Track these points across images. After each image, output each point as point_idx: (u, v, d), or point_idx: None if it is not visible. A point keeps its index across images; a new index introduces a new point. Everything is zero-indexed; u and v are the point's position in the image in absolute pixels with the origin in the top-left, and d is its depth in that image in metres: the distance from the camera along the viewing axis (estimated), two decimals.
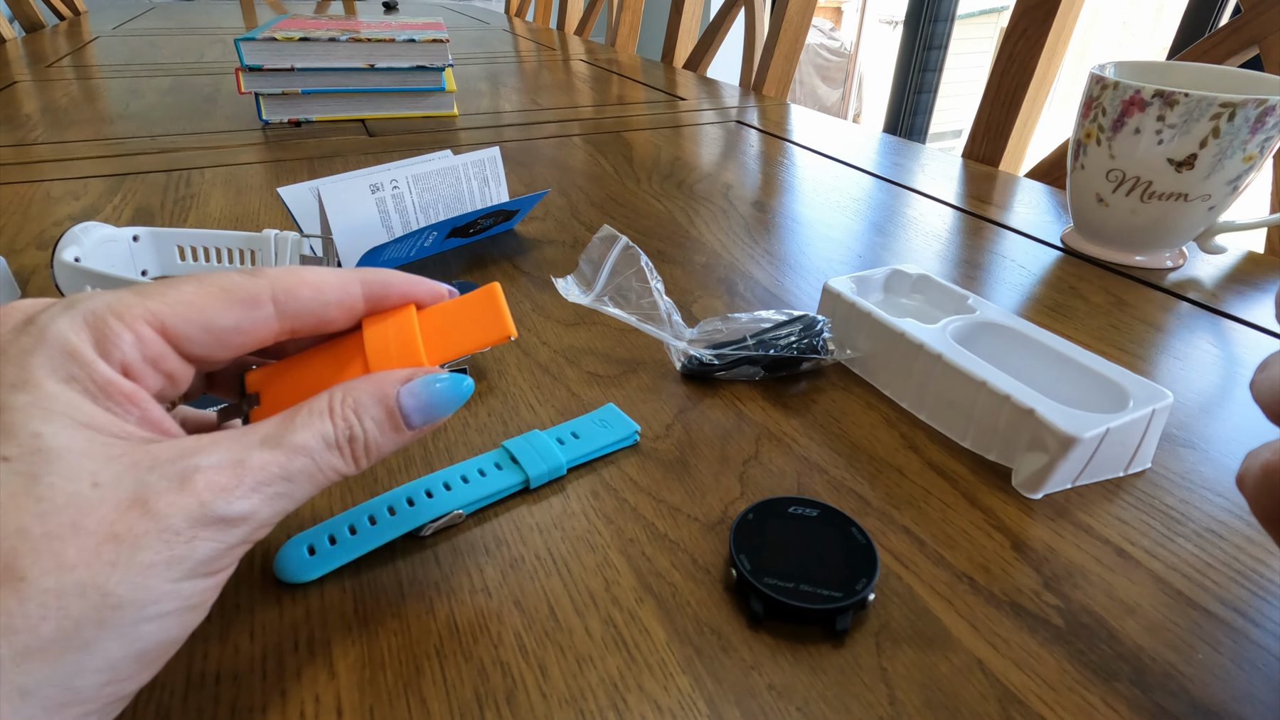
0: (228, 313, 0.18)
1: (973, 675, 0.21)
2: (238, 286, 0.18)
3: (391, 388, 0.19)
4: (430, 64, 0.77)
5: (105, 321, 0.16)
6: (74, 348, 0.16)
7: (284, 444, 0.17)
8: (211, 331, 0.18)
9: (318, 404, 0.18)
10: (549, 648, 0.21)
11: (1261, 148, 0.41)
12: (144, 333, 0.17)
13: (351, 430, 0.18)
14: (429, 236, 0.44)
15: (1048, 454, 0.26)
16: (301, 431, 0.17)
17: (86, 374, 0.16)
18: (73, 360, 0.16)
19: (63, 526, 0.14)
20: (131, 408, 0.16)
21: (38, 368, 0.15)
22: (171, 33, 1.43)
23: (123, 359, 0.16)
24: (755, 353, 0.33)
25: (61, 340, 0.16)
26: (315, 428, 0.18)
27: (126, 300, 0.17)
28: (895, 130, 2.44)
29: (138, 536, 0.15)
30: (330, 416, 0.18)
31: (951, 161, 0.70)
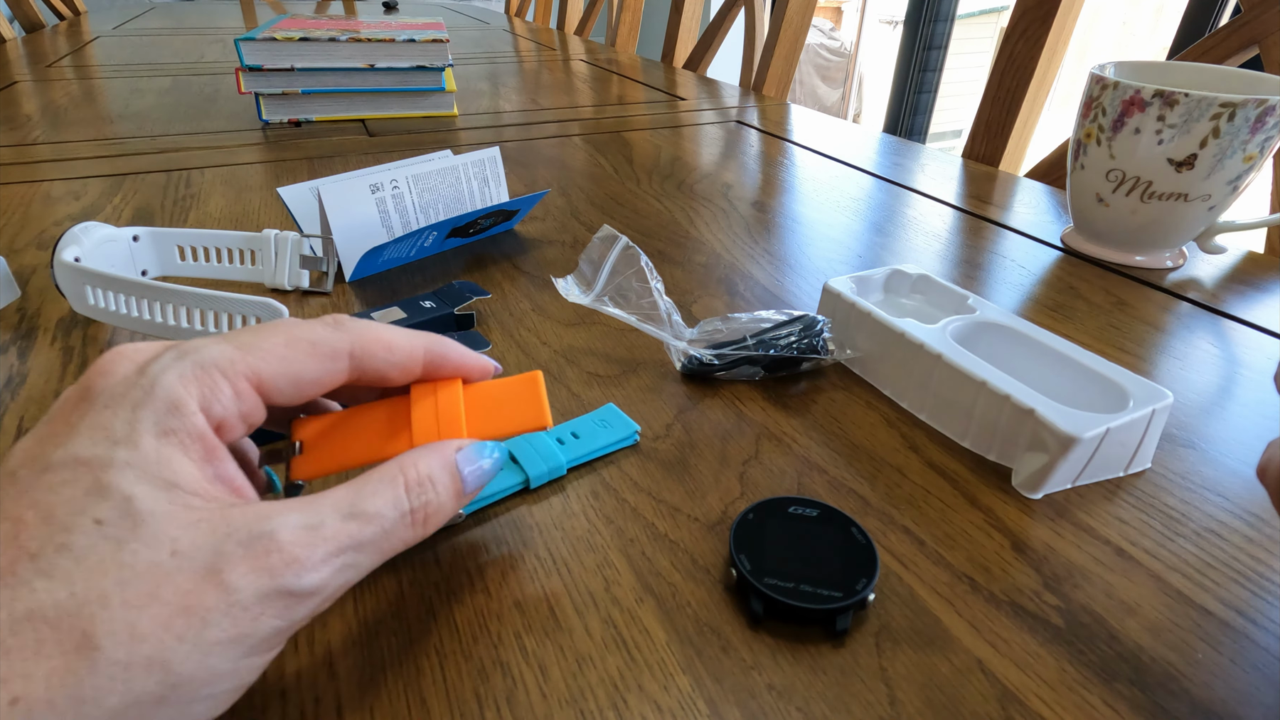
0: (314, 366, 0.19)
1: (973, 675, 0.21)
2: (323, 341, 0.19)
3: (452, 454, 0.20)
4: (430, 64, 0.77)
5: (211, 376, 0.17)
6: (180, 401, 0.17)
7: (358, 512, 0.17)
8: (297, 384, 0.19)
9: (387, 472, 0.18)
10: (549, 648, 0.21)
11: (1261, 148, 0.41)
12: (243, 387, 0.18)
13: (426, 496, 0.19)
14: (429, 236, 0.44)
15: (1048, 454, 0.26)
16: (374, 499, 0.18)
17: (187, 429, 0.17)
18: (175, 413, 0.16)
19: (140, 595, 0.14)
20: (213, 463, 0.17)
21: (143, 421, 0.16)
22: (171, 33, 1.43)
23: (221, 413, 0.17)
24: (755, 353, 0.33)
25: (170, 393, 0.17)
26: (387, 496, 0.18)
27: (230, 355, 0.18)
28: (895, 130, 2.44)
29: (208, 611, 0.15)
30: (404, 485, 0.18)
31: (951, 161, 0.70)
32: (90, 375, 0.17)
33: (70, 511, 0.15)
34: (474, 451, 0.20)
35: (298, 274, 0.41)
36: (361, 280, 0.43)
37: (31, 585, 0.14)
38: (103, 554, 0.15)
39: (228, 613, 0.15)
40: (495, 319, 0.39)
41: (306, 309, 0.40)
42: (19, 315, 0.38)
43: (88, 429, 0.16)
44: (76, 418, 0.16)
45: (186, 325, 0.34)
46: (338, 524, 0.17)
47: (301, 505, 0.17)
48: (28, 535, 0.15)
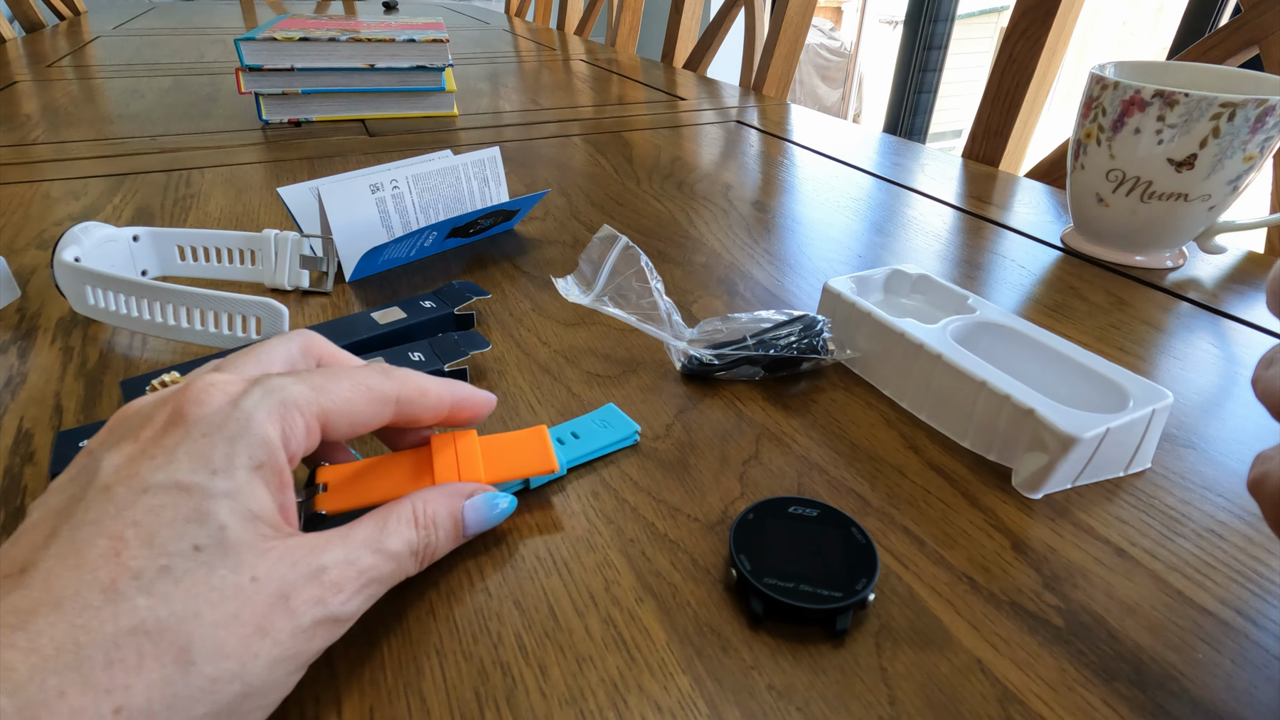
0: (369, 410, 0.21)
1: (973, 675, 0.21)
2: (378, 388, 0.21)
3: (459, 502, 0.22)
4: (430, 64, 0.77)
5: (292, 414, 0.19)
6: (270, 437, 0.19)
7: (382, 549, 0.20)
8: (354, 425, 0.21)
9: (403, 514, 0.21)
10: (549, 648, 0.21)
11: (1261, 148, 0.41)
12: (314, 426, 0.20)
13: (429, 538, 0.21)
14: (429, 236, 0.44)
15: (1048, 454, 0.26)
16: (394, 539, 0.20)
17: (272, 463, 0.18)
18: (265, 448, 0.18)
19: (227, 616, 0.16)
20: (284, 491, 0.19)
21: (239, 455, 0.18)
22: (171, 33, 1.43)
23: (295, 449, 0.19)
24: (755, 353, 0.33)
25: (262, 430, 0.18)
26: (405, 536, 0.20)
27: (309, 396, 0.20)
28: (895, 130, 2.44)
29: (278, 633, 0.17)
30: (415, 527, 0.21)
31: (951, 161, 0.70)
32: (182, 402, 0.19)
33: (172, 536, 0.16)
34: (483, 502, 0.23)
35: (298, 274, 0.41)
36: (361, 280, 0.43)
37: (134, 602, 0.15)
38: (198, 578, 0.16)
39: (293, 634, 0.17)
40: (495, 319, 0.39)
41: (306, 309, 0.40)
42: (19, 315, 0.38)
43: (187, 456, 0.17)
44: (172, 442, 0.18)
45: (186, 325, 0.34)
46: (369, 559, 0.19)
47: (337, 540, 0.19)
48: (129, 554, 0.16)
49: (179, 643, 0.15)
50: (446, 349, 0.33)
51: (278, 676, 0.17)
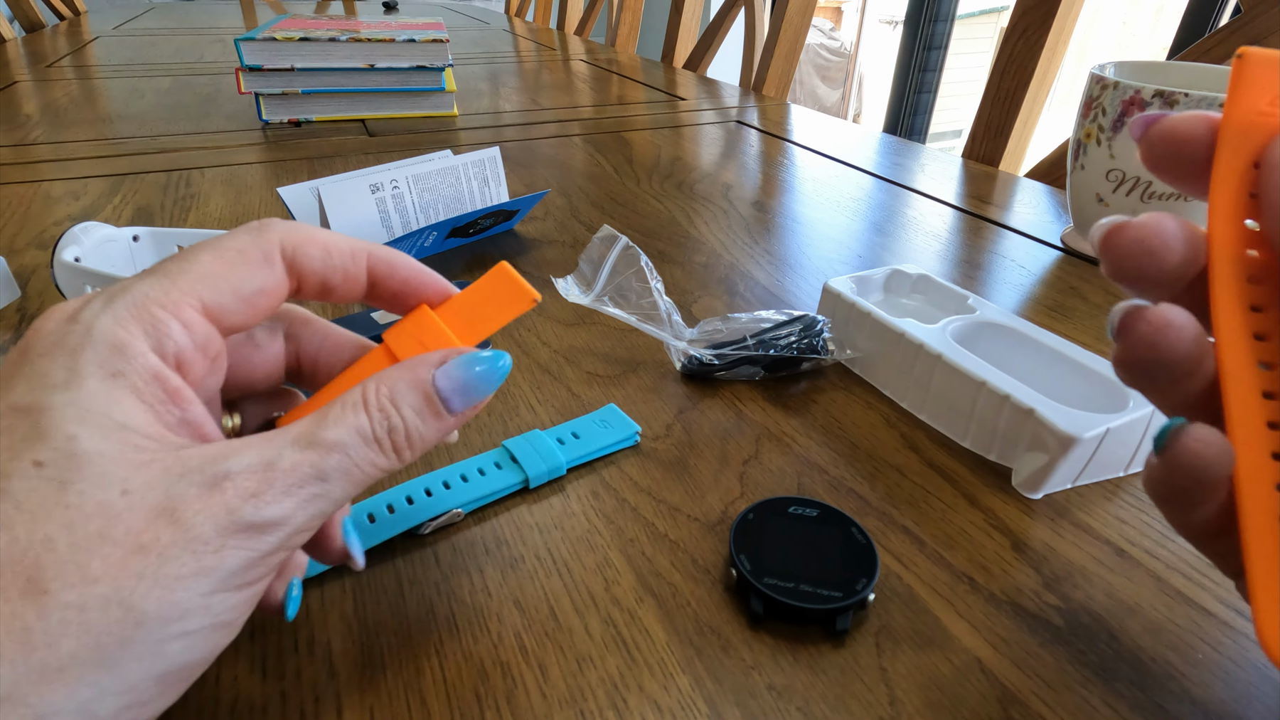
0: (251, 274, 0.17)
1: (973, 675, 0.21)
2: (251, 246, 0.17)
3: (426, 371, 0.18)
4: (430, 64, 0.77)
5: (152, 313, 0.16)
6: (123, 342, 0.15)
7: (317, 442, 0.16)
8: (242, 297, 0.17)
9: (350, 397, 0.17)
10: (549, 648, 0.21)
11: None
12: (189, 317, 0.16)
13: (390, 421, 0.17)
14: (429, 236, 0.44)
15: (1048, 454, 0.26)
16: (335, 427, 0.16)
17: (135, 368, 0.15)
18: (121, 355, 0.15)
19: (89, 537, 0.14)
20: (173, 406, 0.16)
21: (85, 364, 0.15)
22: (171, 33, 1.43)
23: (176, 349, 0.16)
24: (755, 353, 0.33)
25: (110, 335, 0.15)
26: (349, 422, 0.17)
27: (164, 286, 0.16)
28: (895, 130, 2.44)
29: (165, 547, 0.14)
30: (365, 409, 0.17)
31: (951, 161, 0.70)
32: (27, 335, 0.16)
33: (8, 457, 0.14)
34: (454, 365, 0.18)
35: None
36: None
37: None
38: (45, 496, 0.14)
39: (187, 547, 0.14)
40: None
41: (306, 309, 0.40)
42: (19, 315, 0.38)
43: (24, 378, 0.15)
44: (11, 371, 0.15)
45: None
46: (296, 455, 0.16)
47: (258, 442, 0.16)
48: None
49: (25, 573, 0.13)
50: None
51: (185, 597, 0.14)
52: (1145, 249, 0.16)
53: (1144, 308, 0.16)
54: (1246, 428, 0.16)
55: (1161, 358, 0.16)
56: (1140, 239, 0.16)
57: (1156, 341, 0.16)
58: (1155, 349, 0.16)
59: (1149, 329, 0.16)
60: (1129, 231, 0.16)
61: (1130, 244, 0.16)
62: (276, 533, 0.15)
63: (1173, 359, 0.16)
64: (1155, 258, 0.16)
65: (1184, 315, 0.16)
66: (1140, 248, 0.16)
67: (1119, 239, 0.16)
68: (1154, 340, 0.16)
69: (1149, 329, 0.16)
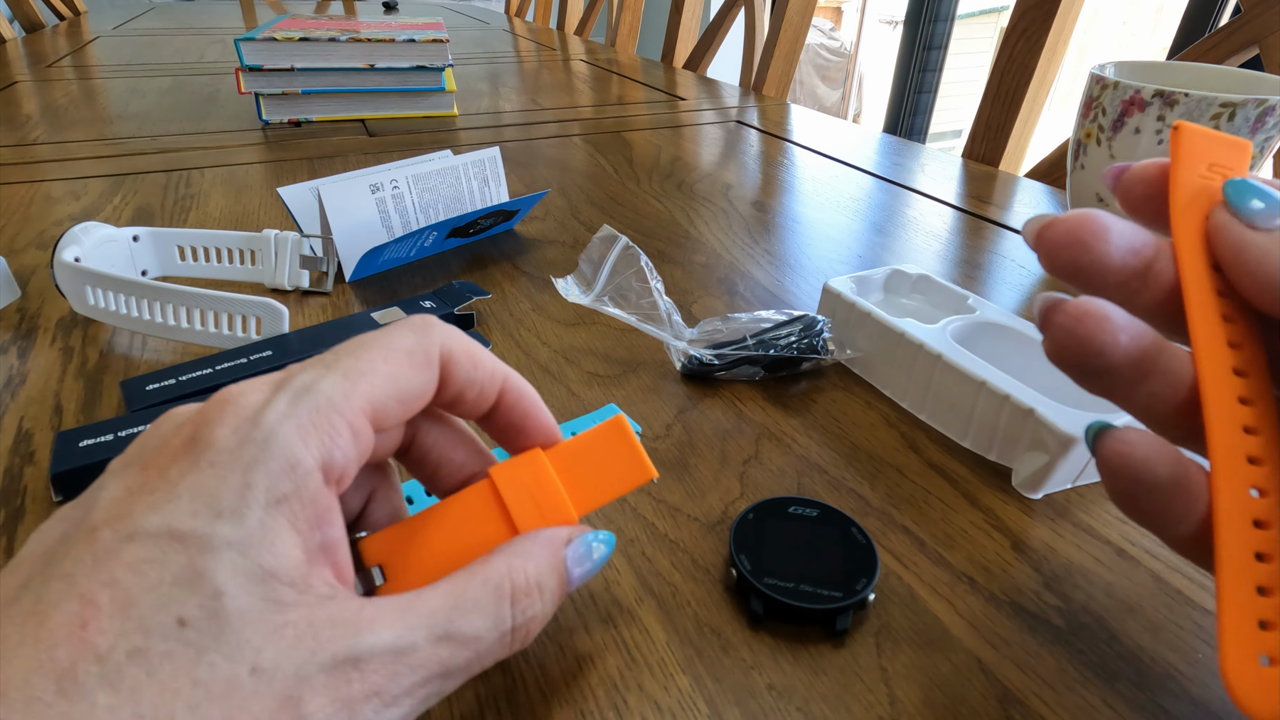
0: (413, 377, 0.17)
1: (973, 675, 0.21)
2: (417, 348, 0.17)
3: (560, 551, 0.17)
4: (430, 64, 0.77)
5: (330, 420, 0.15)
6: (299, 461, 0.14)
7: (454, 635, 0.15)
8: (402, 400, 0.17)
9: (492, 577, 0.16)
10: (549, 648, 0.21)
11: (1261, 148, 0.41)
12: (360, 425, 0.16)
13: (531, 610, 0.16)
14: (429, 236, 0.44)
15: (1048, 454, 0.26)
16: (475, 618, 0.15)
17: (299, 492, 0.14)
18: (291, 475, 0.14)
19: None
20: (318, 530, 0.15)
21: (255, 488, 0.14)
22: (171, 33, 1.43)
23: (342, 463, 0.15)
24: (755, 353, 0.33)
25: (287, 450, 0.14)
26: (490, 614, 0.15)
27: (344, 389, 0.15)
28: (895, 130, 2.44)
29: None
30: (511, 599, 0.16)
31: (951, 161, 0.70)
32: (200, 421, 0.15)
33: (154, 604, 0.13)
34: (582, 549, 0.18)
35: (298, 274, 0.41)
36: (361, 280, 0.43)
37: (93, 699, 0.12)
38: (179, 666, 0.13)
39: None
40: (495, 319, 0.39)
41: (306, 309, 0.40)
42: (19, 315, 0.38)
43: (189, 493, 0.14)
44: (177, 474, 0.14)
45: (186, 325, 0.34)
46: (429, 650, 0.15)
47: (393, 614, 0.15)
48: (97, 626, 0.12)
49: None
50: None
51: None
52: (1074, 239, 0.16)
53: (1063, 299, 0.16)
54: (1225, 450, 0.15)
55: (1086, 348, 0.16)
56: (1069, 230, 0.16)
57: (1075, 331, 0.16)
58: (1075, 339, 0.16)
59: (1065, 319, 0.16)
60: (1058, 225, 0.17)
61: (1060, 235, 0.17)
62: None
63: (1098, 348, 0.16)
64: (1085, 249, 0.16)
65: (1108, 306, 0.16)
66: (1069, 238, 0.16)
67: (1049, 233, 0.17)
68: (1072, 330, 0.16)
69: (1065, 319, 0.16)
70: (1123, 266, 0.16)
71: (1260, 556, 0.15)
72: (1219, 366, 0.16)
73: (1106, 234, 0.16)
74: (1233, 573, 0.15)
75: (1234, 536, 0.15)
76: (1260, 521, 0.15)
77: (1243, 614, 0.15)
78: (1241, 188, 0.16)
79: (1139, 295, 0.17)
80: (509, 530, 0.18)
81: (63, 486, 0.25)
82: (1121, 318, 0.16)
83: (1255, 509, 0.15)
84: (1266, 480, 0.15)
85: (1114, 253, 0.16)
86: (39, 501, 0.26)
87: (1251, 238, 0.15)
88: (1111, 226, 0.16)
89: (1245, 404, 0.16)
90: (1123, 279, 0.16)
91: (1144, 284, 0.17)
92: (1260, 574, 0.15)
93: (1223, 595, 0.15)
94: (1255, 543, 0.15)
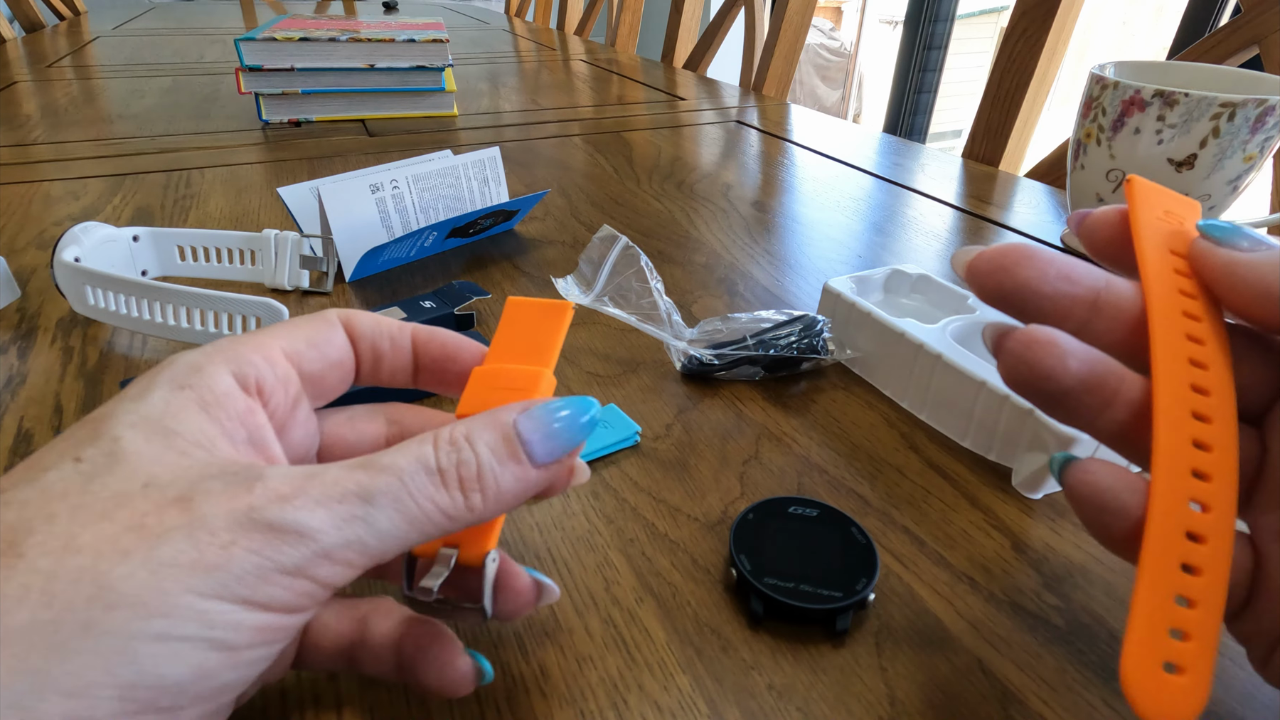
0: (320, 327, 0.19)
1: (973, 675, 0.21)
2: (316, 317, 0.19)
3: (508, 415, 0.16)
4: (430, 64, 0.77)
5: (236, 349, 0.17)
6: (200, 364, 0.16)
7: (370, 463, 0.15)
8: (314, 344, 0.18)
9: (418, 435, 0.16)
10: (549, 648, 0.21)
11: (1261, 148, 0.41)
12: (273, 355, 0.17)
13: (460, 455, 0.15)
14: (429, 236, 0.44)
15: (1048, 454, 0.26)
16: (393, 454, 0.15)
17: (205, 383, 0.15)
18: (195, 373, 0.16)
19: (91, 515, 0.13)
20: (240, 426, 0.16)
21: (159, 381, 0.15)
22: (171, 33, 1.43)
23: (256, 376, 0.17)
24: (755, 353, 0.33)
25: (191, 360, 0.16)
26: (411, 450, 0.15)
27: (246, 336, 0.17)
28: (895, 130, 2.44)
29: (165, 530, 0.13)
30: (434, 442, 0.15)
31: (951, 161, 0.70)
32: None
33: (56, 454, 0.14)
34: (540, 409, 0.16)
35: (297, 274, 0.41)
36: (361, 280, 0.43)
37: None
38: (69, 486, 0.13)
39: (189, 533, 0.13)
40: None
41: (306, 308, 0.40)
42: (19, 315, 0.38)
43: (114, 401, 0.15)
44: None
45: (186, 325, 0.34)
46: (341, 472, 0.14)
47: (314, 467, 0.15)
48: (7, 479, 0.14)
49: (10, 537, 0.12)
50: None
51: (172, 588, 0.12)
52: (996, 266, 0.17)
53: (1015, 326, 0.17)
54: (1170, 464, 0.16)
55: (1033, 373, 0.16)
56: (991, 258, 0.17)
57: (1024, 356, 0.17)
58: (1024, 364, 0.17)
59: (1015, 345, 0.17)
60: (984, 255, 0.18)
61: (983, 264, 0.18)
62: (300, 546, 0.13)
63: (1046, 372, 0.16)
64: (1008, 274, 0.17)
65: (1056, 334, 0.16)
66: (990, 265, 0.17)
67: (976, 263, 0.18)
68: (1022, 355, 0.17)
69: (1015, 345, 0.17)
70: (1056, 292, 0.17)
71: (1188, 568, 0.15)
72: (1176, 380, 0.16)
73: (1030, 261, 0.17)
74: (1152, 579, 0.15)
75: (1160, 544, 0.15)
76: (1195, 535, 0.15)
77: (1154, 620, 0.15)
78: (1212, 224, 0.18)
79: (1091, 325, 0.17)
80: None
81: None
82: (1070, 344, 0.16)
83: (1192, 521, 0.15)
84: (1212, 496, 0.15)
85: (1042, 278, 0.17)
86: None
87: (1239, 256, 0.16)
88: (1036, 254, 0.17)
89: (1201, 420, 0.16)
90: (1063, 306, 0.17)
91: (1094, 313, 0.17)
92: (1186, 585, 0.15)
93: (1137, 598, 0.15)
94: (1184, 553, 0.15)
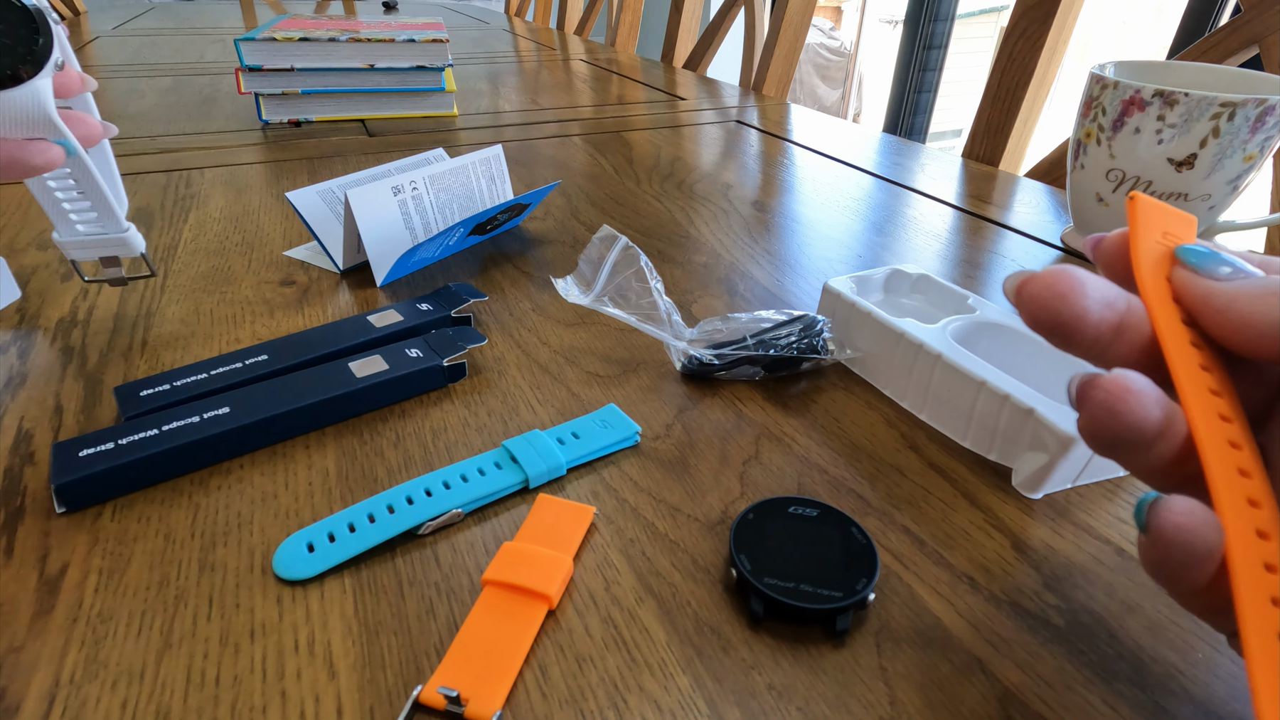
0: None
1: (973, 675, 0.21)
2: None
3: None
4: (430, 64, 0.77)
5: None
6: None
7: None
8: None
9: None
10: (549, 648, 0.21)
11: (1261, 147, 0.41)
12: None
13: None
14: (455, 235, 0.44)
15: (1048, 454, 0.26)
16: None
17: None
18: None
19: None
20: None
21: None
22: (171, 33, 1.43)
23: None
24: (755, 353, 0.33)
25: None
26: None
27: None
28: (895, 130, 2.44)
29: None
30: None
31: (951, 161, 0.70)
32: None
33: None
34: None
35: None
36: (358, 283, 0.43)
37: None
38: None
39: None
40: (495, 319, 0.39)
41: (307, 310, 0.40)
42: (19, 315, 0.38)
43: None
44: None
45: None
46: None
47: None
48: None
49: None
50: (443, 344, 0.33)
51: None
52: (1054, 292, 0.17)
53: (1099, 375, 0.16)
54: (1230, 498, 0.15)
55: (1127, 424, 0.16)
56: (1048, 284, 0.17)
57: (1117, 408, 0.16)
58: (1118, 416, 0.16)
59: (1107, 396, 0.16)
60: (1037, 279, 0.17)
61: (1039, 289, 0.17)
62: None
63: (1137, 423, 0.16)
64: (1066, 302, 0.17)
65: (1140, 379, 0.16)
66: (1049, 291, 0.17)
67: (1029, 288, 0.17)
68: (1114, 407, 0.16)
69: (1107, 396, 0.16)
70: (1100, 320, 0.17)
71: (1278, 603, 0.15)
72: (1210, 416, 0.16)
73: (1083, 287, 0.17)
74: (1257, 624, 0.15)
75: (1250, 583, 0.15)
76: (1270, 566, 0.15)
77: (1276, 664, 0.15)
78: (1188, 249, 0.18)
79: (1111, 350, 0.17)
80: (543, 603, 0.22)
81: (66, 498, 0.25)
82: (1147, 385, 0.16)
83: (1265, 553, 0.15)
84: (1269, 524, 0.15)
85: (1092, 306, 0.17)
86: (39, 502, 0.26)
87: (1216, 287, 0.17)
88: (1087, 280, 0.17)
89: (1236, 448, 0.16)
90: (1099, 333, 0.17)
91: (1117, 338, 0.17)
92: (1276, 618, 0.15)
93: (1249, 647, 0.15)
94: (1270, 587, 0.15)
